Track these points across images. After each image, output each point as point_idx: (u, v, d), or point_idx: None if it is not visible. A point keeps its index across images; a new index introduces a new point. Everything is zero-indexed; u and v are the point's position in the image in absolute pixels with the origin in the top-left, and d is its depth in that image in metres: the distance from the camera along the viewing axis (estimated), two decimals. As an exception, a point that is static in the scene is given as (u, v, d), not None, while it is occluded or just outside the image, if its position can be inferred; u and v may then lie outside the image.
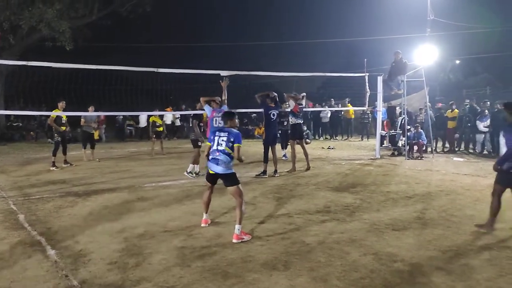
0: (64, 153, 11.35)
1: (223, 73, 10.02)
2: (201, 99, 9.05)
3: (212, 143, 5.38)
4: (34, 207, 6.68)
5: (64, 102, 10.89)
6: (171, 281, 3.82)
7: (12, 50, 18.54)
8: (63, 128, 11.12)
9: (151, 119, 14.60)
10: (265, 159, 9.60)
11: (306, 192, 7.77)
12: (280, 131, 12.24)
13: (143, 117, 20.14)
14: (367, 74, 12.82)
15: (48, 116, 11.38)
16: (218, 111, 8.57)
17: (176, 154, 14.49)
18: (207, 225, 5.60)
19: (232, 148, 5.25)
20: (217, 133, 5.40)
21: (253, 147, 15.16)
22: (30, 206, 6.74)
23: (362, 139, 19.47)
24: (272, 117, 9.64)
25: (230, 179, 5.26)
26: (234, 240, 4.94)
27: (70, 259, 4.40)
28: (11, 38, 18.05)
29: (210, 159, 5.36)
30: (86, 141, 12.83)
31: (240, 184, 5.28)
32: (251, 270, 4.06)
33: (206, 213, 5.67)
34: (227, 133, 5.32)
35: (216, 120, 8.56)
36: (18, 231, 5.41)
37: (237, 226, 5.03)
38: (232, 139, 5.25)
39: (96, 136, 12.16)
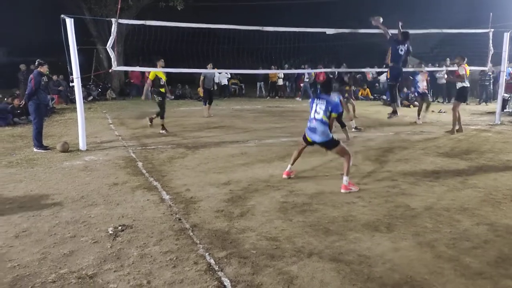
0: (162, 116, 10.20)
1: (329, 31, 9.72)
2: None
3: (310, 110, 5.55)
4: (150, 156, 7.32)
5: (163, 60, 10.10)
6: (274, 233, 3.96)
7: (129, 11, 19.87)
8: (162, 90, 10.15)
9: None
10: (392, 99, 9.18)
11: (412, 156, 7.38)
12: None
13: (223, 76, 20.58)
14: (492, 30, 11.42)
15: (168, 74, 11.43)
16: None
17: (278, 113, 14.65)
18: (287, 177, 5.82)
19: (329, 117, 5.39)
20: (315, 100, 5.55)
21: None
22: (146, 155, 7.40)
23: (479, 103, 17.71)
24: (400, 52, 9.03)
25: (330, 144, 5.44)
26: (342, 190, 5.20)
27: (182, 204, 4.78)
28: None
29: (308, 126, 5.54)
30: (207, 97, 13.55)
31: (341, 142, 5.44)
32: (353, 229, 4.04)
33: (292, 164, 5.89)
34: (325, 101, 5.44)
35: None
36: (138, 176, 6.01)
37: (344, 178, 5.24)
38: (330, 108, 5.38)
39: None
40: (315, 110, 5.44)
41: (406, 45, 9.14)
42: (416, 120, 11.75)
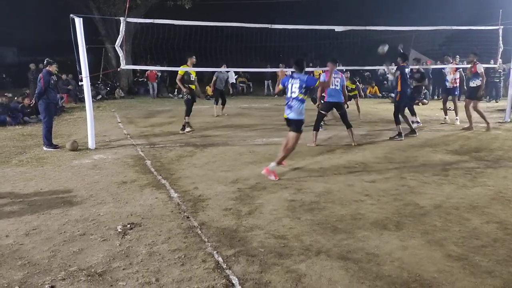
0: (187, 114, 10.01)
1: (338, 28, 9.67)
2: None
3: (286, 90, 5.90)
4: (158, 155, 7.36)
5: (194, 57, 9.85)
6: (282, 231, 3.97)
7: (138, 10, 19.94)
8: (193, 86, 9.88)
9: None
10: (398, 121, 9.19)
11: (421, 154, 7.34)
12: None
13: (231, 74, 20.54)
14: (502, 27, 11.29)
15: (174, 72, 11.28)
16: (334, 72, 8.57)
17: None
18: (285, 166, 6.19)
19: (304, 93, 5.73)
20: (290, 80, 5.86)
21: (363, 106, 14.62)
22: (155, 154, 7.44)
23: (489, 101, 17.54)
24: (408, 77, 9.09)
25: (296, 124, 5.78)
26: (262, 172, 5.74)
27: (190, 202, 4.80)
28: (138, -2, 19.42)
29: (286, 105, 5.88)
30: (218, 97, 13.48)
31: (300, 134, 5.78)
32: (361, 228, 4.03)
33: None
34: (298, 79, 5.75)
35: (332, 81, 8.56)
36: (146, 175, 6.04)
37: (272, 163, 5.71)
38: (304, 86, 5.69)
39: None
40: (291, 90, 5.77)
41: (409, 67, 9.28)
42: (454, 120, 11.03)
